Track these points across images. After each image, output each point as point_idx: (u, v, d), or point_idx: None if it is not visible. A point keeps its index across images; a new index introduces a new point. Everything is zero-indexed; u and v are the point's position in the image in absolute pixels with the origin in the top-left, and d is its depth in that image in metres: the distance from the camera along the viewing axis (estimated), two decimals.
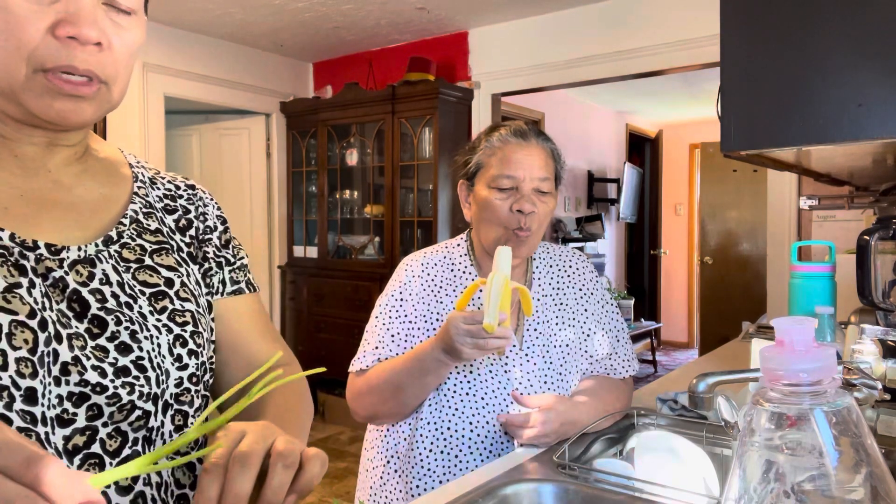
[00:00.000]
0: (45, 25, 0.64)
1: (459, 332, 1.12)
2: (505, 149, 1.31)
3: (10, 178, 0.70)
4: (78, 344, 0.66)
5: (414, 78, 4.04)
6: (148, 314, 0.72)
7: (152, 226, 0.79)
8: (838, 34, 0.81)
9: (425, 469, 1.26)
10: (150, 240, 0.78)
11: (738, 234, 6.43)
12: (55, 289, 0.67)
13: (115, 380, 0.67)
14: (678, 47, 3.42)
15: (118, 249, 0.74)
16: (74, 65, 0.65)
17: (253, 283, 0.91)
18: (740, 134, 0.89)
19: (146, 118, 3.99)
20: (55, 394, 0.63)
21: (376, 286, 4.10)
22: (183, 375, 0.74)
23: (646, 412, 1.31)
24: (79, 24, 0.65)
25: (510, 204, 1.28)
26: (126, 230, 0.76)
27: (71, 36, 0.64)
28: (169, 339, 0.73)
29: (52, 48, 0.64)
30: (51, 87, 0.65)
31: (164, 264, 0.77)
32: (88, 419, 0.66)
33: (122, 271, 0.73)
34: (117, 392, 0.67)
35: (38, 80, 0.65)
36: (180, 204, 0.85)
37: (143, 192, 0.81)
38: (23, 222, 0.69)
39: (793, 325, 0.55)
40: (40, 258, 0.67)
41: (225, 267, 0.87)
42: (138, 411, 0.69)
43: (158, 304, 0.74)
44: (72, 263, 0.69)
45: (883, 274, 1.23)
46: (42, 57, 0.64)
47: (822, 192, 1.91)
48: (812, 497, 0.52)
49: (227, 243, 0.89)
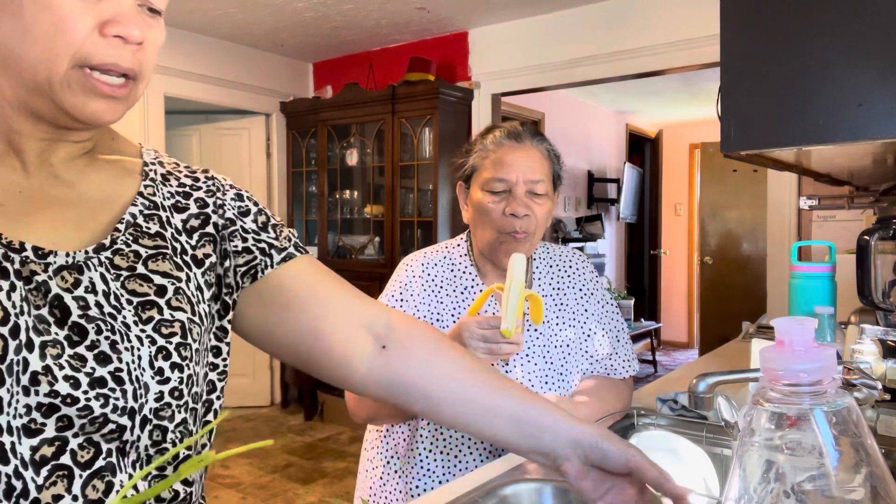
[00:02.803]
0: (93, 23, 0.65)
1: (474, 337, 1.12)
2: (498, 151, 1.30)
3: (9, 174, 0.69)
4: (53, 352, 0.64)
5: (414, 78, 4.04)
6: (132, 324, 0.70)
7: (152, 229, 0.76)
8: (838, 34, 0.81)
9: (425, 469, 1.26)
10: (147, 244, 0.75)
11: (738, 234, 6.43)
12: (37, 293, 0.65)
13: (88, 391, 0.64)
14: (678, 47, 3.42)
15: (109, 256, 0.72)
16: (120, 63, 0.66)
17: (302, 247, 0.87)
18: (740, 134, 0.89)
19: (146, 118, 3.99)
20: (23, 403, 0.61)
21: (376, 286, 4.10)
22: (164, 389, 0.70)
23: (646, 412, 1.31)
24: (126, 24, 0.66)
25: (503, 207, 1.28)
26: (121, 236, 0.73)
27: (118, 35, 0.65)
28: (151, 350, 0.70)
29: (100, 46, 0.65)
30: (89, 85, 0.65)
31: (158, 271, 0.74)
32: (58, 430, 0.63)
33: (111, 279, 0.71)
34: (89, 404, 0.64)
35: (76, 77, 0.65)
36: (196, 198, 0.81)
37: (149, 192, 0.78)
38: (16, 220, 0.67)
39: (793, 325, 0.55)
40: (25, 261, 0.66)
41: (270, 250, 0.82)
42: (111, 425, 0.66)
43: (145, 314, 0.71)
44: (57, 269, 0.67)
45: (883, 274, 1.23)
46: (89, 53, 0.65)
47: (822, 192, 1.91)
48: (812, 497, 0.52)
49: (266, 225, 0.84)
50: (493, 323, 1.12)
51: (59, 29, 0.64)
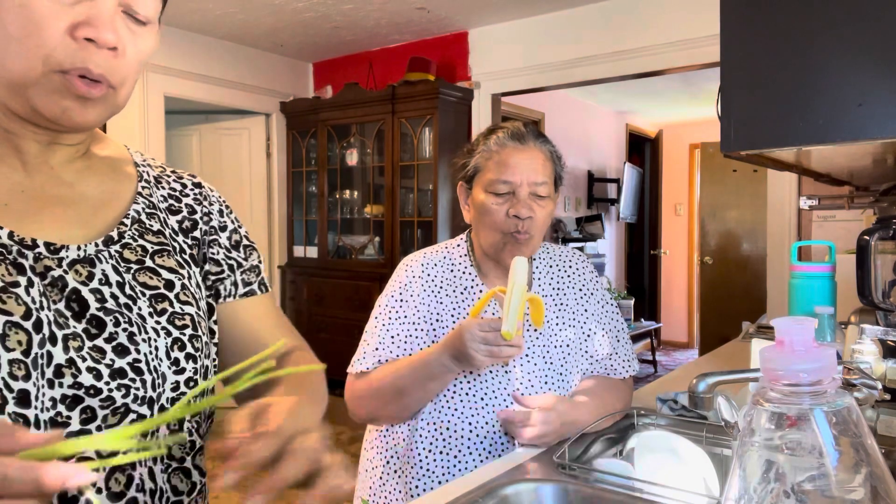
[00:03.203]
0: (65, 25, 0.64)
1: (475, 339, 1.12)
2: (502, 153, 1.30)
3: (11, 174, 0.70)
4: (74, 345, 0.66)
5: (414, 78, 4.04)
6: (147, 316, 0.72)
7: (154, 227, 0.78)
8: (838, 34, 0.81)
9: (425, 469, 1.26)
10: (152, 241, 0.77)
11: (738, 234, 6.43)
12: (54, 288, 0.67)
13: (109, 382, 0.66)
14: (678, 47, 3.42)
15: (119, 250, 0.73)
16: (89, 67, 0.65)
17: (266, 284, 0.90)
18: (740, 134, 0.89)
19: (146, 118, 3.99)
20: (48, 396, 0.63)
21: (376, 286, 4.10)
22: (180, 380, 0.73)
23: (646, 412, 1.31)
24: (98, 28, 0.65)
25: (507, 209, 1.28)
26: (128, 230, 0.75)
27: (89, 38, 0.65)
28: (167, 342, 0.72)
29: (70, 49, 0.64)
30: (63, 86, 0.65)
31: (165, 266, 0.77)
32: (82, 422, 0.65)
33: (123, 272, 0.72)
34: (111, 395, 0.66)
35: (52, 79, 0.65)
36: (185, 204, 0.84)
37: (146, 192, 0.81)
38: (23, 219, 0.68)
39: (793, 325, 0.55)
40: (39, 257, 0.67)
41: (236, 270, 0.86)
42: (132, 415, 0.68)
43: (158, 305, 0.73)
44: (71, 263, 0.69)
45: (883, 274, 1.23)
46: (59, 57, 0.64)
47: (822, 192, 1.91)
48: (812, 497, 0.52)
49: (238, 245, 0.88)
50: (495, 325, 1.12)
51: (29, 30, 0.63)
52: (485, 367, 1.19)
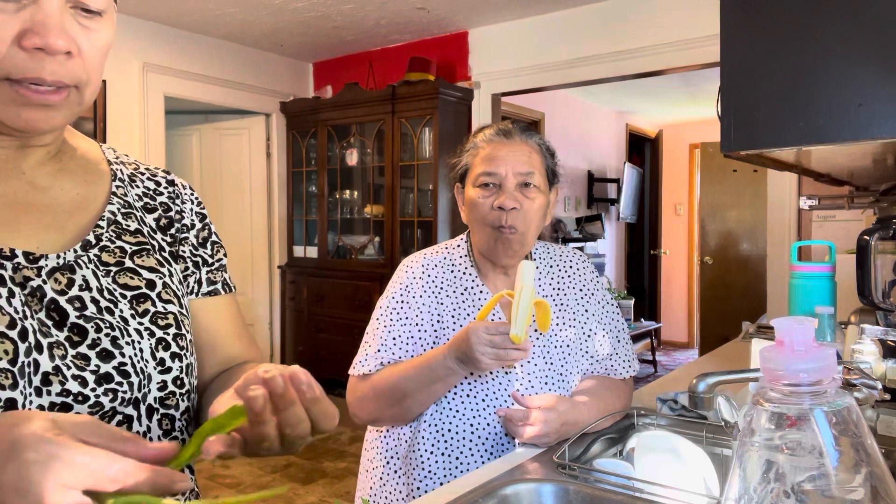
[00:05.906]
0: (11, 35, 0.61)
1: (482, 342, 1.12)
2: (488, 147, 1.32)
3: None
4: (59, 353, 0.65)
5: (414, 78, 4.04)
6: (129, 318, 0.71)
7: (132, 226, 0.77)
8: (838, 34, 0.81)
9: (426, 471, 1.26)
10: (130, 241, 0.76)
11: (738, 234, 6.43)
12: (33, 298, 0.66)
13: (96, 388, 0.66)
14: (678, 47, 3.42)
15: (97, 253, 0.72)
16: (43, 77, 0.63)
17: (229, 284, 0.89)
18: (740, 134, 0.89)
19: (146, 118, 3.99)
20: (36, 404, 0.62)
21: (376, 286, 4.10)
22: (167, 379, 0.72)
23: (646, 412, 1.31)
24: (46, 35, 0.61)
25: (492, 201, 1.28)
26: (104, 233, 0.74)
27: (38, 47, 0.61)
28: (151, 343, 0.72)
29: (19, 59, 0.61)
30: (17, 96, 0.63)
31: (145, 266, 0.76)
32: None
33: (102, 276, 0.71)
34: (99, 401, 0.66)
35: (4, 90, 0.62)
36: (160, 202, 0.83)
37: (121, 192, 0.79)
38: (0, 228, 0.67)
39: (793, 325, 0.55)
40: (18, 267, 0.66)
41: (202, 267, 0.85)
42: (119, 416, 0.68)
43: (140, 306, 0.72)
44: (50, 271, 0.68)
45: (883, 274, 1.23)
46: (8, 68, 0.61)
47: (822, 192, 1.90)
48: (812, 497, 0.52)
49: (205, 242, 0.86)
50: (502, 329, 1.12)
51: None
52: (489, 370, 1.18)
